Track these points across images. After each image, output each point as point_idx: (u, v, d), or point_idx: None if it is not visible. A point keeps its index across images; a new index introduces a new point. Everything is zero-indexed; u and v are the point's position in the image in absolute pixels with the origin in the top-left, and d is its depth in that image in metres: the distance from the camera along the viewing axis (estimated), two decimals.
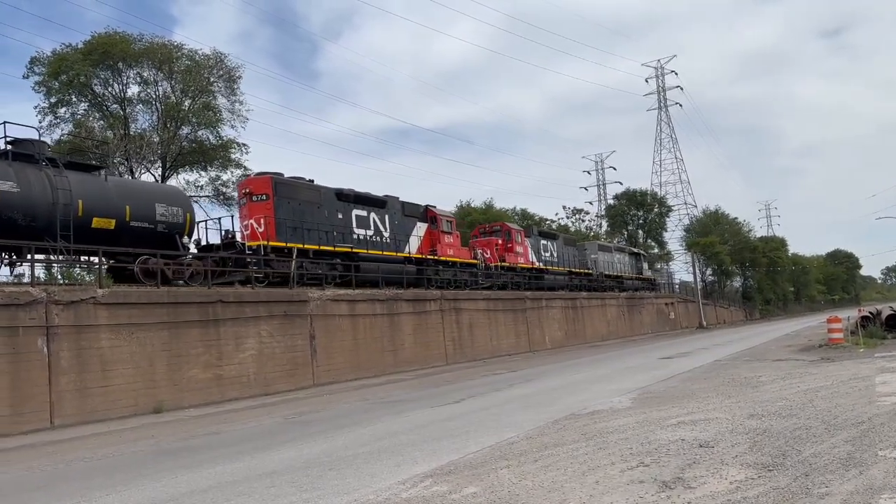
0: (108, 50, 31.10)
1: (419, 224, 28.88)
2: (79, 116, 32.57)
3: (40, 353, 14.10)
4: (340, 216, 24.45)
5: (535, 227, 41.90)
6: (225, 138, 34.88)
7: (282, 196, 22.16)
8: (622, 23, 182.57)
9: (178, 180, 35.33)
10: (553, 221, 65.15)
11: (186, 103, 33.56)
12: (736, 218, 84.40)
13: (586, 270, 44.03)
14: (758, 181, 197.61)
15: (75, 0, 68.00)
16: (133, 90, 33.26)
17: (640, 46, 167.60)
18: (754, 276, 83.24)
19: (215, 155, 34.23)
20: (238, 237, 21.58)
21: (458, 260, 30.77)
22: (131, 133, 32.32)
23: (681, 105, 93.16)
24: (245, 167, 34.60)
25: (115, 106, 33.14)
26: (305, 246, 22.15)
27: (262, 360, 18.93)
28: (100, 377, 14.96)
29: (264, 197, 21.82)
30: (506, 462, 7.31)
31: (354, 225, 24.97)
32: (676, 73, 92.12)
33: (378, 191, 27.66)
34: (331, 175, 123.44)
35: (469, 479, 6.64)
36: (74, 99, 32.55)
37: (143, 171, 32.78)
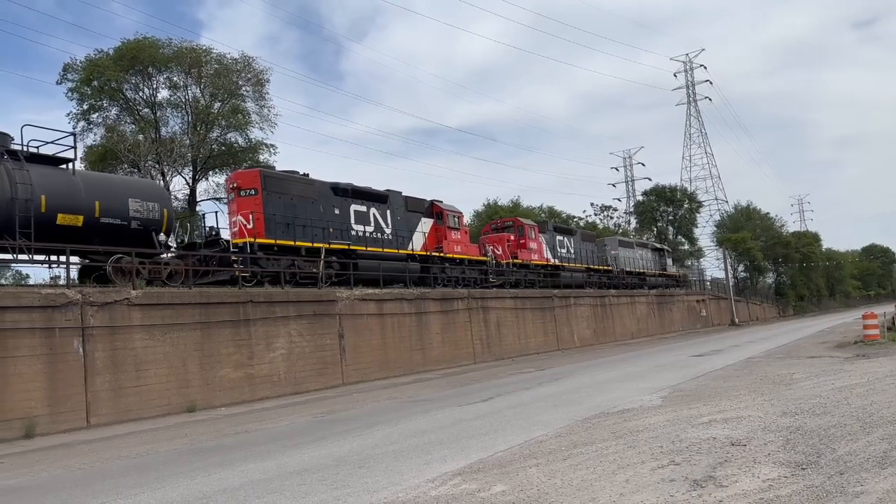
0: (137, 55, 31.64)
1: (424, 220, 27.71)
2: (111, 121, 33.18)
3: (76, 353, 14.40)
4: (337, 211, 23.28)
5: (550, 223, 40.11)
6: (254, 140, 35.35)
7: (271, 191, 21.12)
8: (649, 17, 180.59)
9: (209, 182, 35.88)
10: (581, 219, 64.84)
11: (216, 107, 34.02)
12: (768, 213, 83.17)
13: (606, 267, 42.46)
14: (790, 175, 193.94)
15: (106, 6, 69.23)
16: (163, 94, 33.84)
17: (667, 41, 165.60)
18: (787, 272, 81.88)
19: (244, 157, 34.64)
20: (227, 234, 20.78)
21: (465, 257, 29.52)
22: (162, 136, 32.85)
23: (710, 99, 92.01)
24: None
25: (146, 110, 33.71)
26: (297, 243, 21.10)
27: (291, 360, 19.11)
28: (134, 377, 15.23)
29: (253, 192, 20.76)
30: (535, 460, 7.29)
31: (353, 221, 23.85)
32: (705, 67, 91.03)
33: (406, 191, 27.53)
34: (358, 175, 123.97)
35: (498, 478, 6.65)
36: (106, 104, 33.20)
37: (174, 173, 33.33)
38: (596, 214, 67.74)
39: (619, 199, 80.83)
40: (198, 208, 33.17)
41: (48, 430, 13.54)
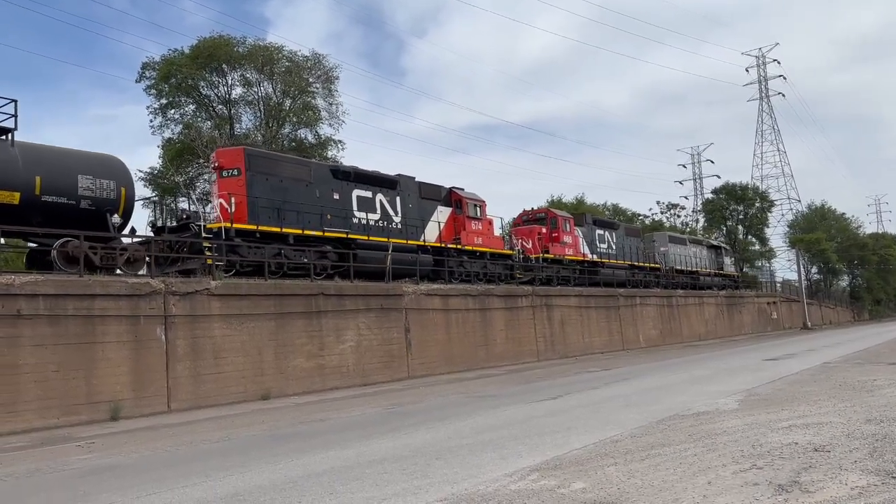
0: (212, 53, 32.66)
1: (441, 208, 25.53)
2: (187, 118, 34.40)
3: (159, 340, 15.06)
4: (337, 197, 21.38)
5: (588, 215, 37.21)
6: (323, 137, 36.11)
7: (257, 171, 19.24)
8: (718, 10, 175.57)
9: None
10: (646, 217, 63.79)
11: (287, 103, 34.85)
12: (843, 213, 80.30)
13: (653, 265, 39.67)
14: (866, 174, 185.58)
15: (179, 4, 71.61)
16: (237, 91, 34.85)
17: (735, 35, 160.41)
18: (863, 274, 78.90)
19: (314, 153, 35.41)
20: (211, 217, 19.11)
21: (487, 250, 27.08)
22: (236, 133, 33.84)
23: (783, 95, 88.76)
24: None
25: (220, 107, 34.78)
26: (283, 230, 19.16)
27: (360, 352, 19.51)
28: (212, 364, 15.84)
29: (236, 172, 18.85)
30: (612, 459, 7.30)
31: (355, 207, 21.89)
32: (779, 62, 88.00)
33: (465, 187, 27.30)
34: (419, 171, 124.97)
35: (576, 475, 6.69)
36: (183, 101, 34.41)
37: None
38: (662, 213, 66.51)
39: (685, 198, 79.15)
40: None
41: (132, 413, 14.22)
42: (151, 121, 34.04)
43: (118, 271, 15.51)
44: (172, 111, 34.35)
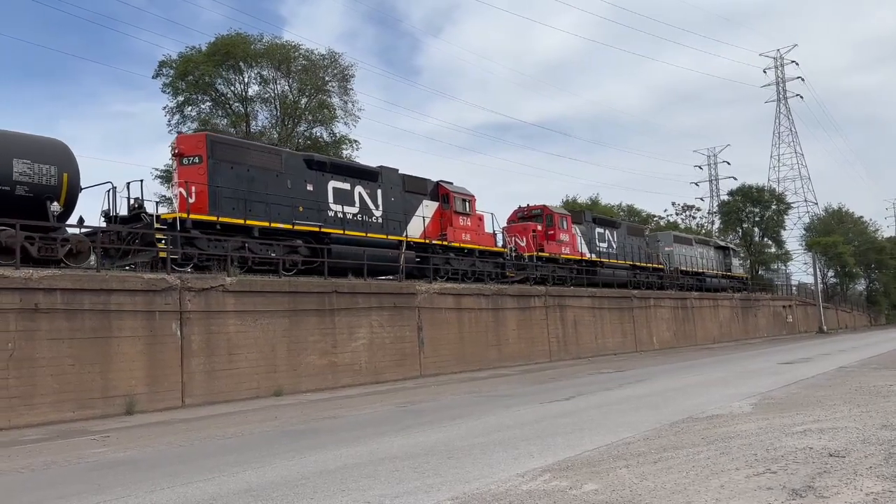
0: (230, 51, 32.82)
1: (426, 203, 24.38)
2: (204, 115, 34.58)
3: (174, 336, 15.18)
4: (311, 188, 20.29)
5: (587, 213, 35.91)
6: (338, 135, 36.22)
7: (220, 159, 18.05)
8: (735, 9, 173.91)
9: None
10: (661, 218, 63.54)
11: (303, 101, 34.98)
12: (861, 216, 79.57)
13: (656, 265, 38.39)
14: (886, 176, 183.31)
15: (194, 2, 72.05)
16: (253, 89, 35.01)
17: (751, 34, 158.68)
18: (880, 278, 78.23)
19: (329, 151, 35.54)
20: (173, 206, 18.25)
21: (476, 247, 25.88)
22: (252, 130, 34.00)
23: (801, 96, 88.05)
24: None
25: (236, 104, 34.96)
26: (247, 222, 18.07)
27: (372, 350, 19.56)
28: (226, 360, 15.94)
29: (197, 159, 17.73)
30: (624, 462, 7.28)
31: (331, 199, 20.77)
32: (797, 64, 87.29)
33: (477, 186, 27.20)
34: (431, 170, 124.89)
35: (588, 477, 6.68)
36: (199, 98, 34.60)
37: None
38: (678, 214, 66.23)
39: (701, 199, 78.74)
40: None
41: (147, 407, 14.34)
42: (168, 119, 34.33)
43: (61, 263, 14.47)
44: (189, 108, 34.60)
